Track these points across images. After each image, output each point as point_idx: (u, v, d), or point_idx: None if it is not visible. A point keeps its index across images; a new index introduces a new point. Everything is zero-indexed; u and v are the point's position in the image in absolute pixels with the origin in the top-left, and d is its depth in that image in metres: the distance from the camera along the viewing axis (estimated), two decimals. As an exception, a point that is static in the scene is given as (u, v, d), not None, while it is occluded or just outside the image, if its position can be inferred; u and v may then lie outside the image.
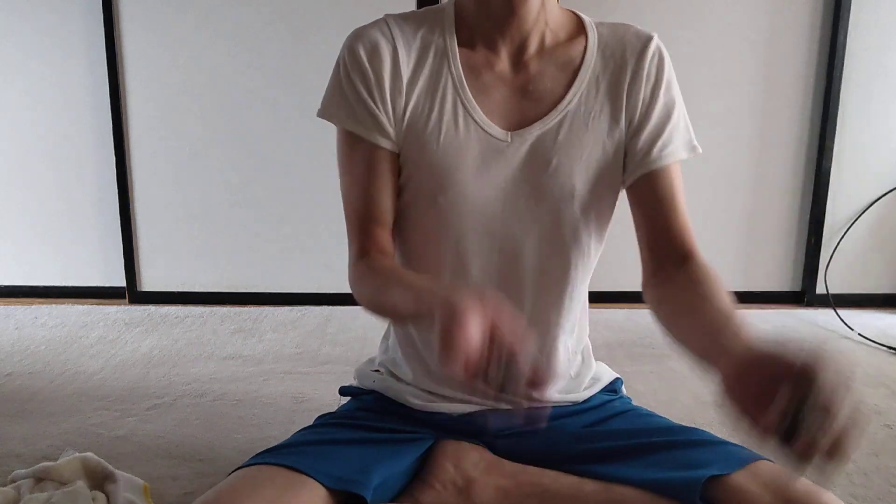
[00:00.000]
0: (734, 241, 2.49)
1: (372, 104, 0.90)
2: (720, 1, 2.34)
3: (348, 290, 0.94)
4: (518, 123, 0.92)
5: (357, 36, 0.92)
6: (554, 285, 0.96)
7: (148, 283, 2.50)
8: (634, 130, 0.93)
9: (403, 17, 0.95)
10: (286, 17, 2.32)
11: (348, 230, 0.96)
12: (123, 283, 2.49)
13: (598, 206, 0.95)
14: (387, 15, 0.95)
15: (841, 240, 2.46)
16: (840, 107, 2.37)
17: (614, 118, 0.93)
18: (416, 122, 0.92)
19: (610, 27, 0.96)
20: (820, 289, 2.47)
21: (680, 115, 0.95)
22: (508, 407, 0.84)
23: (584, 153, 0.92)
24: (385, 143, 0.92)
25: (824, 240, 2.46)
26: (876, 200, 2.44)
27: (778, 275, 2.52)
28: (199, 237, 2.47)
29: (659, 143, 0.93)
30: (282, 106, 2.37)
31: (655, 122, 0.93)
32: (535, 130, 0.92)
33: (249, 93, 2.37)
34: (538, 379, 0.63)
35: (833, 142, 2.39)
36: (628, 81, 0.93)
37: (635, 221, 0.97)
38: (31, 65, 2.37)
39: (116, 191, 2.42)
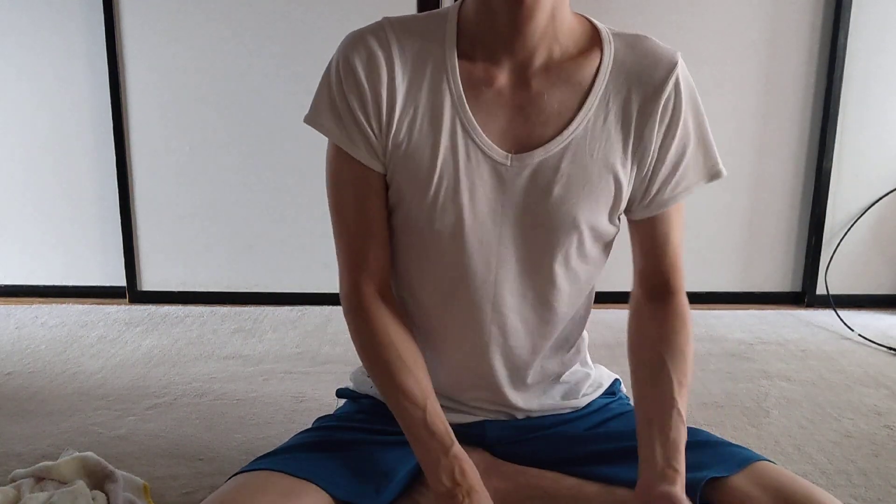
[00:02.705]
0: (734, 241, 2.49)
1: (366, 125, 0.84)
2: (720, 1, 2.34)
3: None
4: (520, 146, 0.85)
5: (353, 44, 0.85)
6: (543, 310, 0.93)
7: (148, 282, 2.50)
8: (645, 171, 0.87)
9: (403, 23, 0.87)
10: (288, 16, 2.32)
11: (338, 247, 0.91)
12: (124, 283, 2.49)
13: (598, 238, 0.91)
14: (385, 19, 0.87)
15: (841, 240, 2.46)
16: (840, 107, 2.37)
17: (623, 150, 0.86)
18: (411, 141, 0.85)
19: (628, 43, 0.88)
20: (820, 289, 2.46)
21: (698, 144, 0.89)
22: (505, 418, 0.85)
23: (587, 184, 0.85)
24: (376, 166, 0.87)
25: (824, 240, 2.46)
26: (876, 201, 2.44)
27: (778, 275, 2.52)
28: (200, 237, 2.47)
29: (671, 184, 0.88)
30: (283, 105, 2.37)
31: (671, 161, 0.87)
32: (538, 156, 0.85)
33: (250, 92, 2.37)
34: None
35: (833, 142, 2.39)
36: (637, 116, 0.86)
37: (633, 248, 0.95)
38: (30, 62, 2.37)
39: (117, 190, 2.42)
